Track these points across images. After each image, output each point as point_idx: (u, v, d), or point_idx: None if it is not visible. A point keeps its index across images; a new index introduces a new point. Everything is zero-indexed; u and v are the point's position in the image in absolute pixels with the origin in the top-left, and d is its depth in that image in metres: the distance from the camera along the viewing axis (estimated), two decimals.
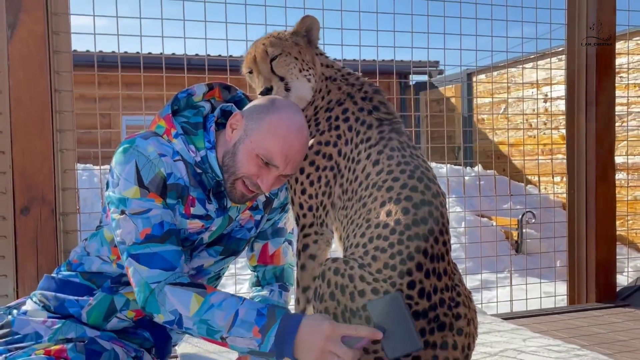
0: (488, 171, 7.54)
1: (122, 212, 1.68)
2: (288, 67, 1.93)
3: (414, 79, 11.41)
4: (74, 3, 2.33)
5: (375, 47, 3.19)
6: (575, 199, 3.06)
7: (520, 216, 6.04)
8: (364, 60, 3.48)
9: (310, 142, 1.92)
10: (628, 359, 2.01)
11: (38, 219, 2.20)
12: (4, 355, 1.71)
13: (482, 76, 9.23)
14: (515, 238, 6.10)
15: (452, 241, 5.64)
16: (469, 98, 9.22)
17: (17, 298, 2.22)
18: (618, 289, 3.15)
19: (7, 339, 1.80)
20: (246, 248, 2.04)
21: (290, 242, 2.09)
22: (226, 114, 1.91)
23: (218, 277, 2.02)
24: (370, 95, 1.97)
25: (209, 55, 2.81)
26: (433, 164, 7.13)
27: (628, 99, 5.02)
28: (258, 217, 1.95)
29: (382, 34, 3.15)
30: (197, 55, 7.32)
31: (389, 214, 1.74)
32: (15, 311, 1.90)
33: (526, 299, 3.24)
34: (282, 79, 1.93)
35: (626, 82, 6.17)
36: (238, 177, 1.73)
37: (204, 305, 1.58)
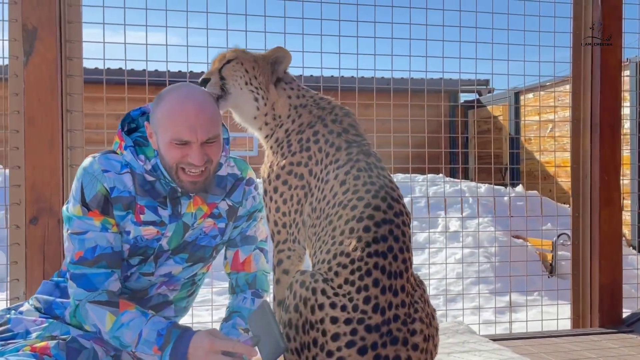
0: (530, 192, 7.40)
1: (67, 230, 1.92)
2: (235, 73, 2.05)
3: (462, 97, 11.32)
4: (85, 32, 2.54)
5: (423, 71, 3.24)
6: (580, 223, 3.03)
7: (555, 237, 5.92)
8: (412, 78, 3.54)
9: (283, 162, 2.03)
10: None
11: (46, 229, 2.41)
12: None
13: (530, 95, 9.09)
14: (549, 260, 5.97)
15: (482, 260, 5.60)
16: (517, 121, 9.08)
17: (26, 300, 2.42)
18: (626, 314, 3.08)
19: (3, 335, 1.99)
20: (217, 255, 2.16)
21: (262, 250, 2.19)
22: None
23: (193, 282, 2.15)
24: (340, 118, 2.06)
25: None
26: (473, 184, 7.06)
27: None
28: (222, 225, 2.07)
29: (432, 54, 3.20)
30: (156, 70, 7.35)
31: (351, 231, 1.83)
32: (13, 311, 2.10)
33: (535, 320, 3.22)
34: (222, 78, 2.04)
35: None
36: (174, 168, 1.86)
37: (116, 323, 1.82)
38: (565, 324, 3.22)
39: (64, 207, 1.96)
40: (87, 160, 1.94)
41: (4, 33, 2.45)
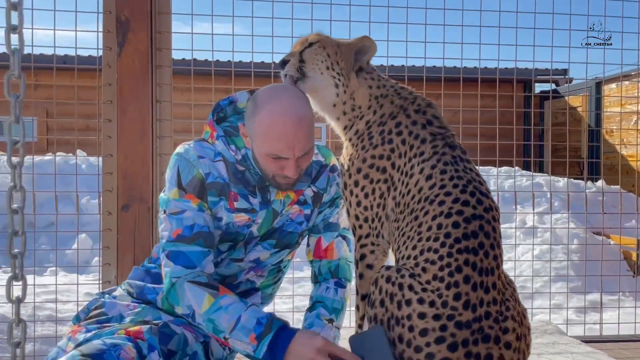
0: (612, 187, 7.09)
1: (164, 212, 1.92)
2: (316, 57, 2.00)
3: (538, 87, 10.94)
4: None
5: (496, 59, 3.15)
6: None
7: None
8: (485, 67, 3.45)
9: (364, 155, 2.00)
10: None
11: (136, 216, 2.48)
12: (93, 332, 1.98)
13: (612, 85, 8.70)
14: (635, 259, 5.71)
15: (561, 258, 5.41)
16: (597, 112, 8.71)
17: (118, 284, 2.51)
18: None
19: (98, 318, 2.06)
20: (302, 242, 2.17)
21: (344, 238, 2.17)
22: None
23: (279, 269, 2.16)
24: (423, 109, 2.00)
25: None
26: (550, 177, 6.84)
27: None
28: (308, 211, 2.07)
29: (504, 41, 3.10)
30: (241, 61, 7.37)
31: (439, 227, 1.79)
32: (107, 296, 2.17)
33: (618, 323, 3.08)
34: (302, 61, 1.99)
35: None
36: (269, 175, 1.89)
37: (214, 306, 1.78)
38: None
39: (161, 194, 2.00)
40: (181, 148, 1.98)
41: (99, 25, 2.53)
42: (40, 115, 8.83)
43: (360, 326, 2.15)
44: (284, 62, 2.02)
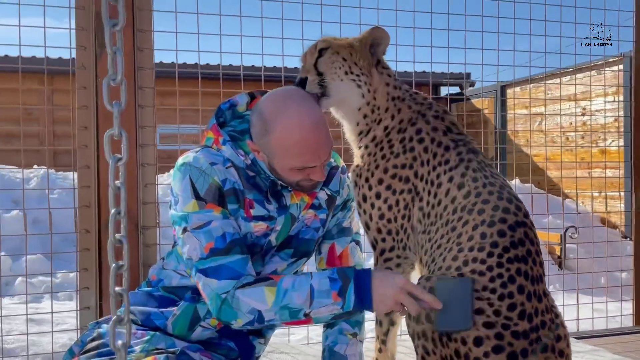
0: (526, 185, 7.50)
1: (185, 230, 1.75)
2: (332, 65, 1.92)
3: (445, 90, 11.36)
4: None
5: (411, 61, 3.13)
6: None
7: (563, 231, 6.00)
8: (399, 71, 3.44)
9: (386, 165, 1.92)
10: None
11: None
12: None
13: (517, 89, 9.19)
14: (558, 254, 6.05)
15: None
16: (503, 114, 9.17)
17: (101, 310, 2.25)
18: None
19: (99, 350, 1.86)
20: (315, 251, 2.06)
21: (357, 242, 2.08)
22: None
23: None
24: (441, 115, 1.96)
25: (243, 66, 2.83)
26: None
27: None
28: (323, 215, 1.97)
29: (417, 46, 3.09)
30: (230, 65, 7.26)
31: (483, 236, 1.74)
32: (105, 325, 1.96)
33: (577, 319, 3.22)
34: (320, 74, 1.91)
35: None
36: (293, 183, 1.81)
37: (279, 293, 1.66)
38: (600, 323, 3.25)
39: (172, 211, 1.82)
40: (187, 157, 1.81)
41: (71, 22, 2.26)
42: None
43: (383, 342, 2.06)
44: (302, 81, 1.90)
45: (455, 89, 11.38)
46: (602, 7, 3.53)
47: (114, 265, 0.94)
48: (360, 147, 2.02)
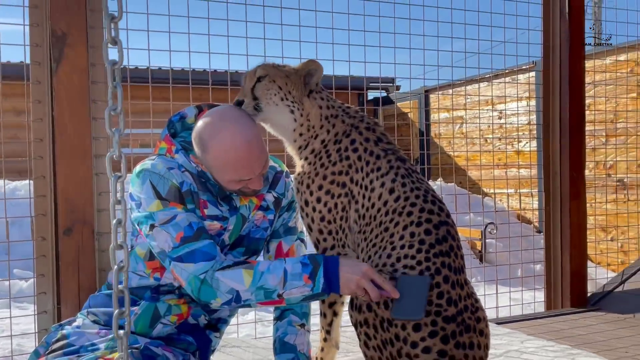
0: (449, 184, 7.93)
1: (152, 227, 1.89)
2: (268, 92, 2.09)
3: (371, 94, 11.72)
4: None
5: (331, 60, 3.27)
6: (551, 215, 3.40)
7: (483, 227, 6.43)
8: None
9: (324, 172, 2.14)
10: (611, 358, 2.32)
11: (80, 239, 2.36)
12: None
13: (439, 93, 9.65)
14: (479, 248, 6.48)
15: None
16: (426, 109, 9.61)
17: (60, 314, 2.36)
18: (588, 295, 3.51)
19: (65, 350, 1.98)
20: (263, 249, 2.24)
21: (302, 240, 2.28)
22: None
23: None
24: (372, 127, 2.18)
25: (194, 69, 2.96)
26: None
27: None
28: (271, 216, 2.16)
29: (337, 50, 3.27)
30: (182, 69, 7.14)
31: (412, 235, 1.98)
32: (68, 326, 2.08)
33: (496, 307, 3.57)
34: (255, 98, 2.08)
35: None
36: (236, 191, 2.00)
37: (256, 275, 1.84)
38: (516, 309, 3.62)
39: (134, 214, 1.96)
40: (145, 164, 1.96)
41: (26, 38, 2.36)
42: None
43: (328, 332, 2.28)
44: (239, 103, 2.08)
45: (380, 93, 11.74)
46: (514, 13, 3.70)
47: (115, 267, 1.09)
48: (301, 159, 2.22)
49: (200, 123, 1.97)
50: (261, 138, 2.00)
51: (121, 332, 1.18)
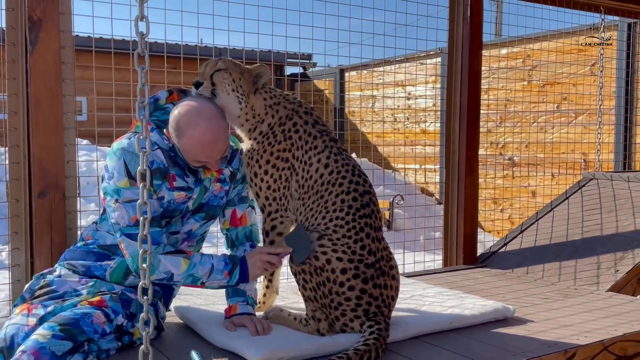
0: (362, 159, 8.54)
1: (116, 201, 2.27)
2: (224, 81, 2.48)
3: (288, 70, 12.13)
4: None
5: (256, 34, 3.65)
6: (449, 188, 4.03)
7: (392, 198, 7.08)
8: (245, 49, 3.97)
9: (271, 149, 2.56)
10: (492, 300, 2.95)
11: (52, 202, 2.69)
12: (52, 306, 2.26)
13: (353, 72, 10.22)
14: (387, 217, 7.13)
15: None
16: (342, 95, 10.15)
17: (33, 267, 2.70)
18: (477, 255, 4.19)
19: (50, 295, 2.35)
20: (219, 215, 2.69)
21: (252, 207, 2.73)
22: None
23: (202, 239, 2.68)
24: (310, 111, 2.63)
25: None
26: None
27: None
28: (227, 187, 2.60)
29: (261, 25, 3.66)
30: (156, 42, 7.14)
31: (342, 201, 2.48)
32: (49, 276, 2.44)
33: (402, 264, 4.20)
34: (213, 84, 2.48)
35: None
36: (198, 167, 2.44)
37: (190, 264, 2.32)
38: (418, 266, 4.27)
39: (104, 184, 2.34)
40: (123, 142, 2.35)
41: (1, 21, 2.64)
42: None
43: (270, 281, 2.75)
44: (197, 84, 2.47)
45: (297, 69, 12.17)
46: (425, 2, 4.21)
47: (141, 250, 1.44)
48: (250, 139, 2.64)
49: (179, 110, 2.33)
50: (227, 132, 2.42)
51: (145, 298, 1.47)
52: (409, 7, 4.15)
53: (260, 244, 2.72)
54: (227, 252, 2.72)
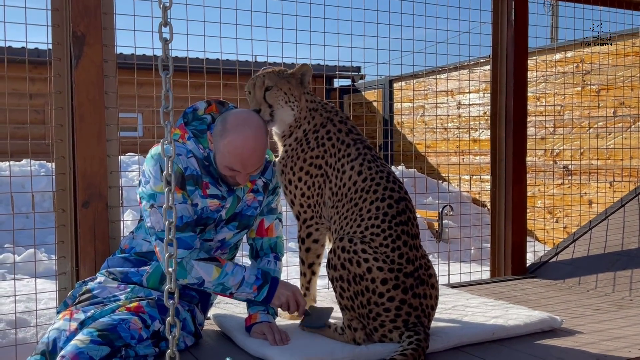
0: (410, 170, 8.45)
1: (152, 206, 2.32)
2: (277, 98, 2.53)
3: (336, 83, 12.17)
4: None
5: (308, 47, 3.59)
6: (497, 196, 3.92)
7: (440, 209, 6.96)
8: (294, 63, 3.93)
9: (305, 157, 2.56)
10: (540, 311, 2.84)
11: (96, 211, 2.76)
12: (92, 310, 2.31)
13: (402, 83, 10.16)
14: (437, 228, 7.01)
15: None
16: (391, 113, 10.10)
17: (78, 275, 2.77)
18: (527, 265, 4.05)
19: (91, 300, 2.40)
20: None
21: (280, 220, 2.74)
22: None
23: (236, 247, 2.69)
24: (344, 120, 2.64)
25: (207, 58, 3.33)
26: None
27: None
28: (260, 197, 2.62)
29: (312, 36, 3.61)
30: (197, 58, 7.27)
31: (377, 209, 2.44)
32: (91, 282, 2.50)
33: (448, 274, 4.10)
34: (270, 105, 2.53)
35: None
36: (223, 177, 2.47)
37: (222, 273, 2.36)
38: (465, 277, 4.16)
39: (141, 188, 2.39)
40: (159, 148, 2.39)
41: (48, 37, 2.74)
42: None
43: (307, 289, 2.74)
44: (257, 111, 2.50)
45: (346, 82, 12.20)
46: (467, 7, 4.07)
47: (167, 255, 1.46)
48: (284, 145, 2.66)
49: (233, 114, 2.40)
50: (265, 149, 2.45)
51: (170, 301, 1.47)
52: (454, 14, 4.07)
53: (284, 256, 2.77)
54: (250, 262, 2.73)
